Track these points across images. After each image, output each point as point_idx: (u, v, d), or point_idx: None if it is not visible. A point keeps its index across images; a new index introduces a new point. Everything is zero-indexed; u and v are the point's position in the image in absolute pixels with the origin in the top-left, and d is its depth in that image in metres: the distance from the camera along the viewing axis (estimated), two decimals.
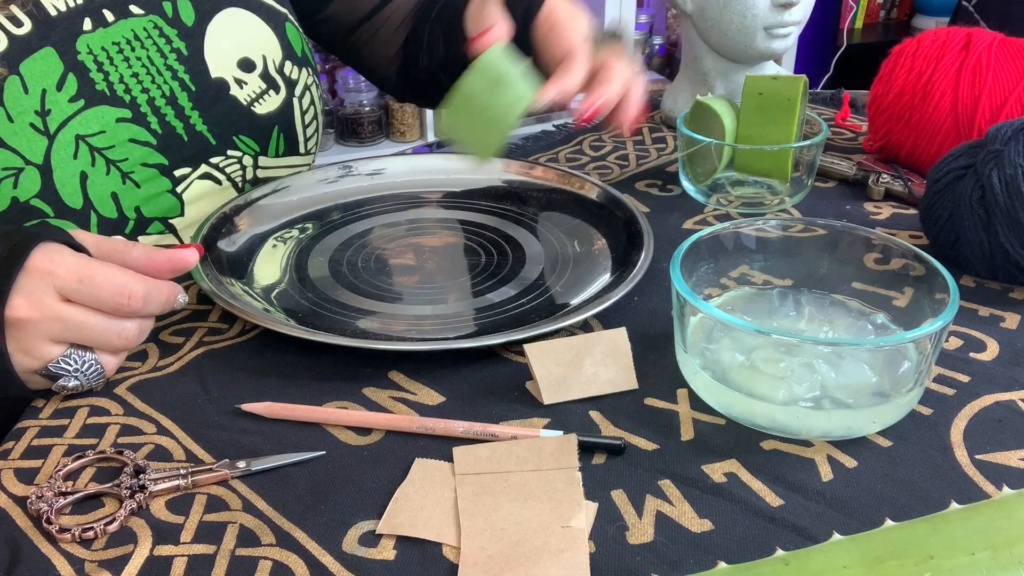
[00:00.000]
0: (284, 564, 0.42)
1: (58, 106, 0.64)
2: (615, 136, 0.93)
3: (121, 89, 0.67)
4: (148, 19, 0.70)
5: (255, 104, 0.75)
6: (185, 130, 0.71)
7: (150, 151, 0.69)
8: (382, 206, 0.78)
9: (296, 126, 0.79)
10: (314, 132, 0.82)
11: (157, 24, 0.70)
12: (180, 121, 0.70)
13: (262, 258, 0.70)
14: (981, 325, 0.59)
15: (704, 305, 0.49)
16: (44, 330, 0.50)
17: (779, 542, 0.42)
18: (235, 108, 0.74)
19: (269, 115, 0.76)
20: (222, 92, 0.73)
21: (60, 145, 0.64)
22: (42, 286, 0.49)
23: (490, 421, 0.51)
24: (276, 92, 0.76)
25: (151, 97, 0.69)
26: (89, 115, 0.66)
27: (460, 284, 0.66)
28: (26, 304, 0.49)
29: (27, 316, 0.49)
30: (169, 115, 0.70)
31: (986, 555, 0.38)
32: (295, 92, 0.78)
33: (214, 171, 0.74)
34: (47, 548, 0.43)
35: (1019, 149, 0.60)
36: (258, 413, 0.52)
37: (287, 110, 0.78)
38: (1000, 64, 0.74)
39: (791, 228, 0.59)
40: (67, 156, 0.65)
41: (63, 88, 0.64)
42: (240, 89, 0.74)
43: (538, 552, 0.42)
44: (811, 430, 0.49)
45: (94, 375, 0.53)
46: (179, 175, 0.71)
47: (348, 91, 2.05)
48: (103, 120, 0.66)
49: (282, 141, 0.78)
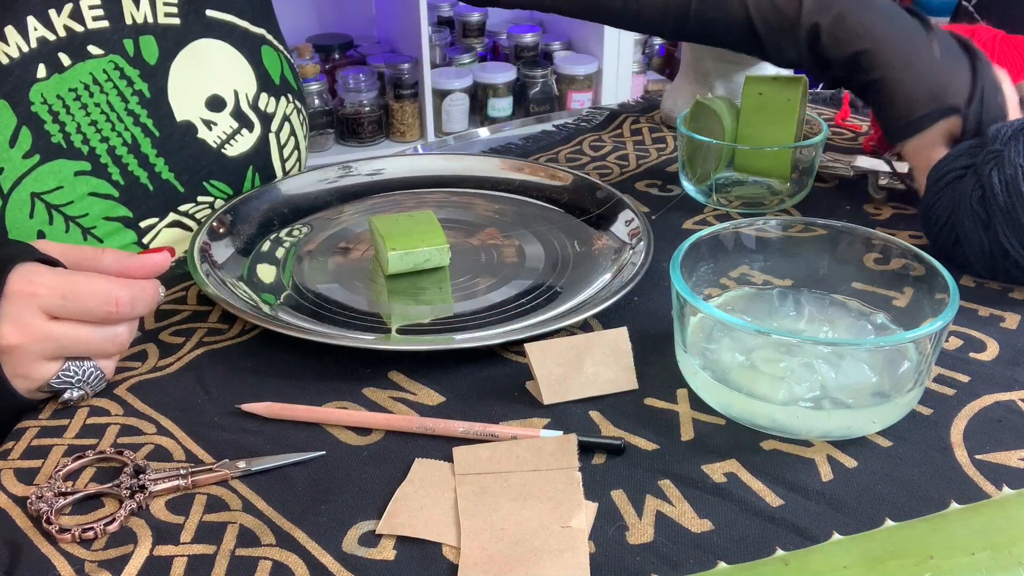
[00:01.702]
0: (284, 564, 0.42)
1: (11, 164, 0.61)
2: (616, 137, 0.93)
3: (79, 140, 0.64)
4: (108, 60, 0.65)
5: (226, 146, 0.71)
6: (150, 179, 0.67)
7: (112, 204, 0.66)
8: (382, 206, 0.78)
9: (273, 162, 0.75)
10: (295, 162, 0.78)
11: (118, 65, 0.66)
12: (144, 170, 0.67)
13: (262, 258, 0.70)
14: (981, 325, 0.59)
15: (704, 305, 0.49)
16: (37, 352, 0.49)
17: (779, 542, 0.42)
18: (204, 152, 0.70)
19: (242, 156, 0.72)
20: (189, 136, 0.69)
21: (15, 205, 0.61)
22: (26, 309, 0.48)
23: (490, 421, 0.51)
24: (250, 130, 0.72)
25: (112, 146, 0.65)
26: (44, 171, 0.62)
27: (460, 284, 0.66)
28: (14, 330, 0.48)
29: (17, 342, 0.48)
30: (132, 164, 0.66)
31: (986, 555, 0.38)
32: (271, 127, 0.74)
33: (184, 218, 0.70)
34: (47, 548, 0.43)
35: (1019, 149, 0.60)
36: (258, 413, 0.52)
37: (262, 147, 0.74)
38: (1001, 62, 0.74)
39: (791, 228, 0.59)
40: (23, 216, 0.61)
41: (16, 144, 0.61)
42: (209, 131, 0.70)
43: (538, 552, 0.42)
44: (811, 430, 0.49)
45: (96, 381, 0.52)
46: (144, 226, 0.68)
47: (348, 91, 2.04)
48: (60, 175, 0.63)
49: (258, 179, 0.74)
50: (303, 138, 0.79)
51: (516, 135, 0.98)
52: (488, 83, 2.18)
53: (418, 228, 0.67)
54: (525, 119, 1.15)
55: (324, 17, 2.26)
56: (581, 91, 2.22)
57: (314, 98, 2.03)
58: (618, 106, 1.02)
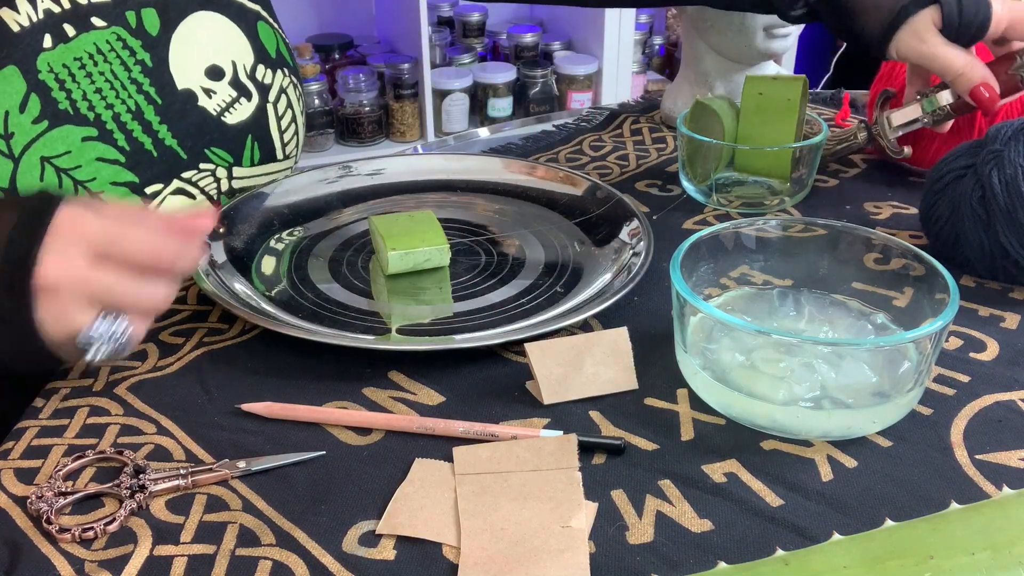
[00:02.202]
0: (284, 564, 0.42)
1: (21, 128, 0.62)
2: (616, 137, 0.93)
3: (85, 107, 0.65)
4: (111, 31, 0.67)
5: (225, 114, 0.73)
6: (154, 145, 0.69)
7: (119, 169, 0.67)
8: (382, 206, 0.78)
9: (271, 133, 0.77)
10: (293, 136, 0.80)
11: (120, 36, 0.68)
12: (148, 136, 0.69)
13: (262, 258, 0.70)
14: (981, 325, 0.59)
15: (704, 305, 0.49)
16: (75, 295, 0.48)
17: (779, 542, 0.42)
18: (205, 119, 0.72)
19: (241, 124, 0.74)
20: (190, 104, 0.71)
21: (25, 168, 0.62)
22: (71, 247, 0.48)
23: (490, 421, 0.51)
24: (248, 99, 0.74)
25: (116, 113, 0.67)
26: (54, 136, 0.64)
27: (460, 284, 0.66)
28: (57, 267, 0.47)
29: (57, 281, 0.47)
30: (136, 131, 0.68)
31: (986, 555, 0.38)
32: (268, 97, 0.76)
33: (187, 186, 0.71)
34: (47, 548, 0.43)
35: (1019, 149, 0.60)
36: (258, 413, 0.52)
37: (260, 117, 0.75)
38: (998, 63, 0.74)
39: (791, 228, 0.59)
40: (33, 179, 0.63)
41: (26, 109, 0.63)
42: (209, 99, 0.72)
43: (538, 552, 0.42)
44: (811, 430, 0.49)
45: (125, 340, 0.50)
46: (151, 192, 0.69)
47: (348, 91, 2.04)
48: (68, 140, 0.64)
49: (257, 149, 0.76)
50: (300, 114, 0.81)
51: (516, 135, 0.98)
52: (488, 83, 2.17)
53: (418, 228, 0.67)
54: (525, 119, 1.15)
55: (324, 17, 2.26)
56: (581, 91, 2.22)
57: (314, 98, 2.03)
58: (618, 106, 1.02)
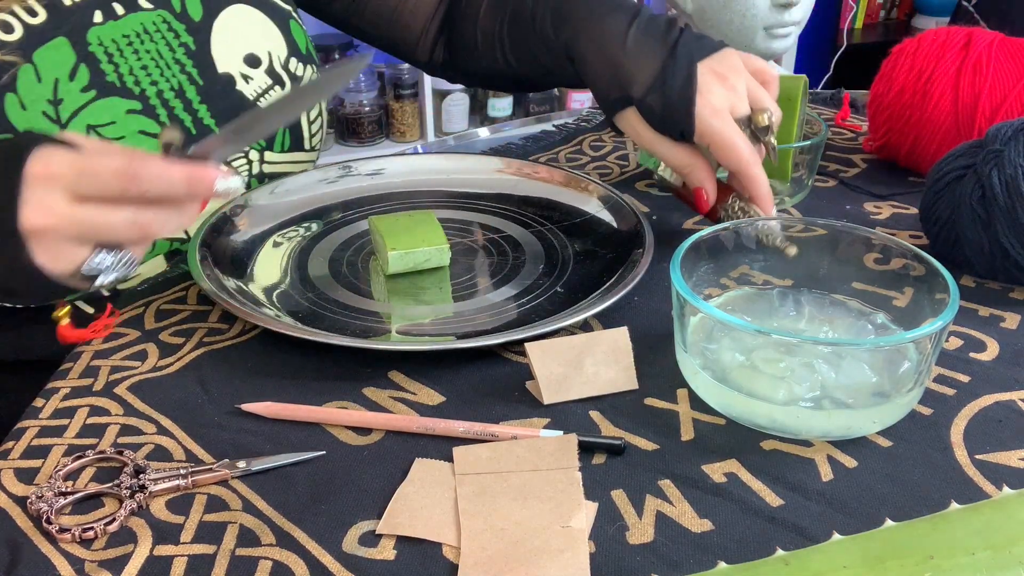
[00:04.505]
0: (284, 564, 0.42)
1: (70, 96, 0.65)
2: (616, 138, 0.93)
3: (131, 81, 0.69)
4: (157, 13, 0.71)
5: (261, 99, 0.76)
6: (193, 123, 0.72)
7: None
8: (382, 206, 0.78)
9: (301, 122, 0.80)
10: (319, 129, 0.83)
11: (165, 19, 0.72)
12: (188, 114, 0.71)
13: (262, 258, 0.70)
14: (981, 325, 0.59)
15: (704, 305, 0.49)
16: (64, 234, 0.48)
17: (779, 542, 0.42)
18: (242, 103, 0.75)
19: None
20: (229, 87, 0.74)
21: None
22: (49, 192, 0.48)
23: (490, 421, 0.51)
24: (282, 88, 0.77)
25: (160, 90, 0.70)
26: (100, 106, 0.67)
27: (461, 284, 0.66)
28: (38, 213, 0.48)
29: (42, 225, 0.48)
30: (178, 108, 0.71)
31: (986, 555, 0.38)
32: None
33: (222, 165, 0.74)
34: (47, 548, 0.43)
35: (1019, 149, 0.60)
36: (258, 413, 0.52)
37: None
38: (1000, 64, 0.74)
39: (791, 228, 0.59)
40: None
41: (75, 78, 0.65)
42: (247, 84, 0.75)
43: (538, 552, 0.42)
44: (811, 430, 0.49)
45: (130, 264, 0.51)
46: None
47: (348, 91, 2.05)
48: (114, 111, 0.67)
49: (288, 136, 0.79)
50: (324, 110, 0.84)
51: (516, 135, 0.98)
52: None
53: (418, 228, 0.67)
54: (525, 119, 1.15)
55: None
56: (581, 91, 2.22)
57: None
58: None
